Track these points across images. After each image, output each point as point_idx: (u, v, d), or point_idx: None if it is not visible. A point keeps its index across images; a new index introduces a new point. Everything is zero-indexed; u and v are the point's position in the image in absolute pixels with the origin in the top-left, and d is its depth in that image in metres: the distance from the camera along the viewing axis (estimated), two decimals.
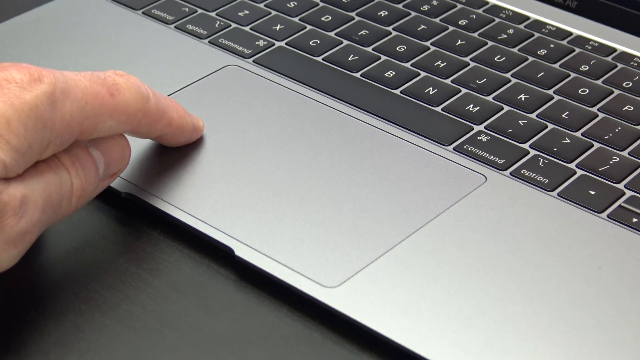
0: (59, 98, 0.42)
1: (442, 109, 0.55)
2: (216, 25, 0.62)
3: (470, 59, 0.59)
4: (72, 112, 0.43)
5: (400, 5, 0.64)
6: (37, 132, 0.41)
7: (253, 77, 0.57)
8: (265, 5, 0.64)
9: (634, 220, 0.48)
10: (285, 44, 0.60)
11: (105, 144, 0.46)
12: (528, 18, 0.63)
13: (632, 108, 0.56)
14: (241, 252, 0.46)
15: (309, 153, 0.52)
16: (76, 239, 0.48)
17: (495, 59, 0.59)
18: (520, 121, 0.54)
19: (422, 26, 0.62)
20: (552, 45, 0.61)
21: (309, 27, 0.62)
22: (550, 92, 0.57)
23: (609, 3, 0.62)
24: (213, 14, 0.63)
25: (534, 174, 0.51)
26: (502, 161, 0.52)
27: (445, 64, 0.59)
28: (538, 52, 0.60)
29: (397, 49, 0.60)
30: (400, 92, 0.57)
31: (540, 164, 0.52)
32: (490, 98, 0.56)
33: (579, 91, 0.57)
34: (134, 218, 0.49)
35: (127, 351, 0.43)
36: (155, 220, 0.49)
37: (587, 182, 0.51)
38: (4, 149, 0.40)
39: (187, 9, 0.63)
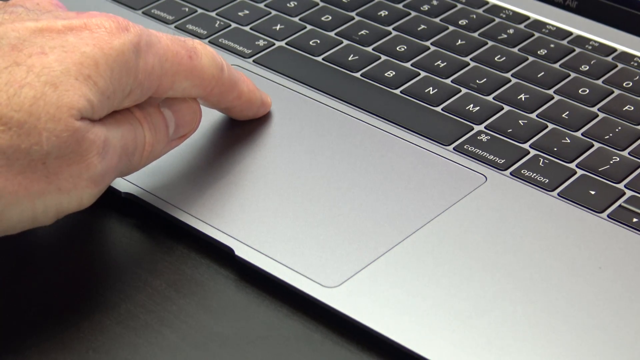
0: (143, 48, 0.44)
1: (442, 109, 0.55)
2: (216, 25, 0.62)
3: (470, 59, 0.59)
4: (154, 64, 0.44)
5: (400, 5, 0.64)
6: (122, 77, 0.43)
7: (253, 77, 0.57)
8: (265, 5, 0.64)
9: (634, 220, 0.48)
10: (285, 43, 0.60)
11: (178, 104, 0.47)
12: (528, 18, 0.63)
13: (632, 108, 0.56)
14: (241, 252, 0.46)
15: (309, 153, 0.52)
16: (75, 239, 0.48)
17: (495, 59, 0.59)
18: (520, 121, 0.54)
19: (422, 26, 0.62)
20: (552, 45, 0.61)
21: (309, 27, 0.62)
22: (551, 92, 0.57)
23: (609, 3, 0.62)
24: (213, 14, 0.63)
25: (534, 174, 0.51)
26: (502, 161, 0.52)
27: (445, 64, 0.59)
28: (538, 52, 0.60)
29: (397, 49, 0.60)
30: (400, 92, 0.57)
31: (540, 164, 0.52)
32: (490, 98, 0.56)
33: (579, 91, 0.57)
34: (134, 218, 0.49)
35: (127, 351, 0.43)
36: (155, 221, 0.49)
37: (587, 182, 0.51)
38: (92, 90, 0.42)
39: (187, 9, 0.63)
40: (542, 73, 0.58)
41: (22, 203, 0.41)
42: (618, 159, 0.52)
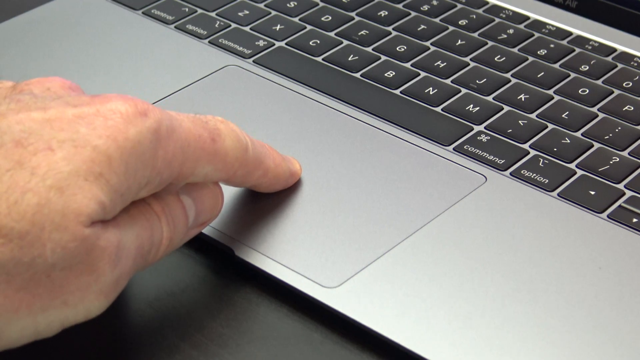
0: (163, 135, 0.40)
1: (442, 109, 0.55)
2: (216, 25, 0.62)
3: (470, 59, 0.59)
4: (175, 151, 0.40)
5: (400, 5, 0.64)
6: (138, 170, 0.39)
7: (253, 77, 0.57)
8: (265, 5, 0.64)
9: (634, 220, 0.48)
10: (285, 44, 0.60)
11: (198, 190, 0.43)
12: (528, 18, 0.63)
13: (632, 108, 0.56)
14: (241, 252, 0.46)
15: (309, 153, 0.52)
16: None
17: (495, 59, 0.59)
18: (520, 121, 0.54)
19: (422, 26, 0.62)
20: (552, 45, 0.61)
21: (309, 27, 0.62)
22: (550, 92, 0.57)
23: (609, 3, 0.62)
24: (213, 14, 0.63)
25: (534, 174, 0.51)
26: (502, 161, 0.52)
27: (445, 64, 0.59)
28: (538, 52, 0.60)
29: (397, 49, 0.60)
30: (400, 92, 0.57)
31: (540, 164, 0.52)
32: (490, 98, 0.56)
33: (579, 91, 0.57)
34: None
35: (127, 351, 0.43)
36: None
37: (587, 182, 0.51)
38: (104, 189, 0.38)
39: (187, 9, 0.63)
40: (542, 73, 0.58)
41: (23, 320, 0.37)
42: (618, 159, 0.52)
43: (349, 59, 0.59)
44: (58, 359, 0.43)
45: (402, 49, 0.60)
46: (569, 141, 0.53)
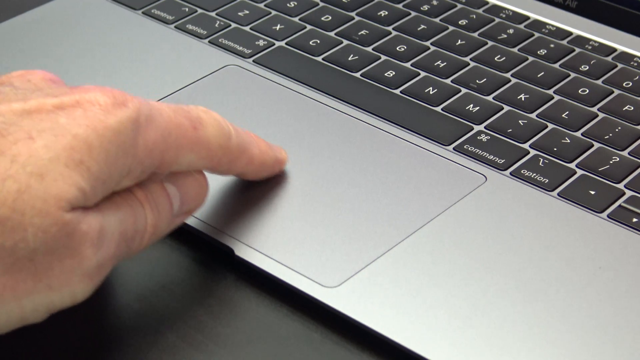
0: (142, 124, 0.40)
1: (442, 109, 0.55)
2: (216, 25, 0.62)
3: (470, 59, 0.59)
4: (156, 140, 0.41)
5: (400, 5, 0.64)
6: (119, 158, 0.39)
7: (253, 77, 0.57)
8: (265, 5, 0.64)
9: (634, 220, 0.48)
10: (285, 44, 0.60)
11: (183, 179, 0.44)
12: (528, 18, 0.63)
13: (632, 108, 0.56)
14: (241, 252, 0.46)
15: (309, 153, 0.52)
16: None
17: (495, 59, 0.59)
18: (520, 121, 0.54)
19: (422, 26, 0.62)
20: (552, 45, 0.61)
21: (309, 27, 0.62)
22: (550, 92, 0.57)
23: (609, 3, 0.62)
24: (213, 14, 0.63)
25: (534, 174, 0.51)
26: (502, 161, 0.52)
27: (445, 64, 0.59)
28: (538, 52, 0.60)
29: (397, 49, 0.60)
30: (400, 92, 0.57)
31: (540, 164, 0.52)
32: (490, 98, 0.56)
33: (579, 91, 0.57)
34: None
35: (127, 351, 0.43)
36: None
37: (587, 182, 0.51)
38: (84, 175, 0.38)
39: (187, 9, 0.63)
40: (542, 73, 0.58)
41: (8, 304, 0.38)
42: (618, 159, 0.52)
43: (349, 58, 0.59)
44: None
45: (402, 49, 0.60)
46: (569, 141, 0.53)
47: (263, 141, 0.48)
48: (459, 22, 0.63)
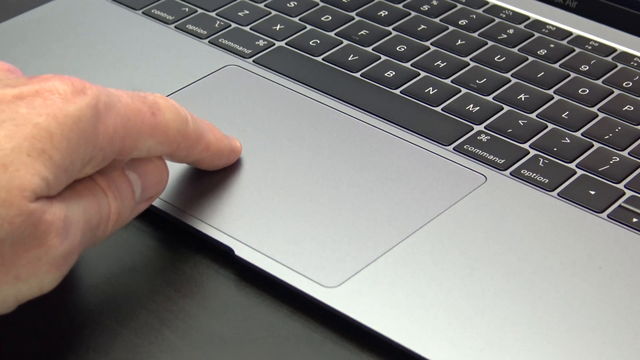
0: (102, 111, 0.41)
1: (442, 109, 0.55)
2: (216, 25, 0.62)
3: (470, 59, 0.59)
4: (116, 126, 0.41)
5: (400, 5, 0.64)
6: (80, 146, 0.40)
7: (253, 77, 0.57)
8: (265, 5, 0.64)
9: (634, 220, 0.48)
10: (285, 44, 0.60)
11: (143, 166, 0.44)
12: (528, 18, 0.63)
13: (632, 108, 0.56)
14: (241, 252, 0.46)
15: (309, 153, 0.52)
16: None
17: (495, 59, 0.59)
18: (520, 121, 0.54)
19: (422, 26, 0.62)
20: (552, 45, 0.61)
21: (309, 27, 0.62)
22: (550, 92, 0.57)
23: (609, 3, 0.62)
24: (213, 14, 0.63)
25: (534, 174, 0.51)
26: (502, 161, 0.52)
27: (445, 64, 0.59)
28: (538, 52, 0.60)
29: (397, 49, 0.60)
30: (400, 92, 0.57)
31: (540, 164, 0.52)
32: (490, 98, 0.56)
33: (579, 91, 0.57)
34: (133, 219, 0.49)
35: (127, 351, 0.43)
36: (154, 221, 0.49)
37: (587, 182, 0.51)
38: (47, 164, 0.38)
39: (187, 9, 0.63)
40: (542, 73, 0.58)
41: None
42: (618, 159, 0.52)
43: (349, 58, 0.59)
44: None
45: (402, 49, 0.60)
46: (569, 141, 0.53)
47: (218, 130, 0.48)
48: (459, 22, 0.63)
